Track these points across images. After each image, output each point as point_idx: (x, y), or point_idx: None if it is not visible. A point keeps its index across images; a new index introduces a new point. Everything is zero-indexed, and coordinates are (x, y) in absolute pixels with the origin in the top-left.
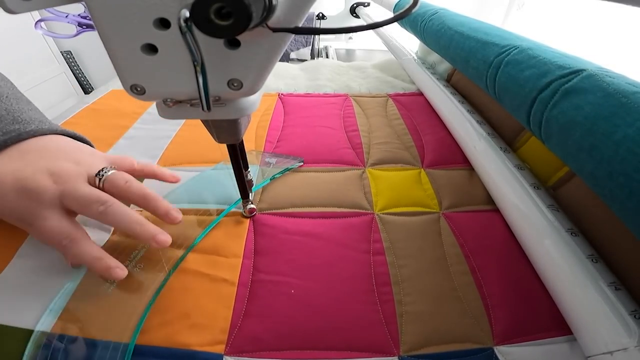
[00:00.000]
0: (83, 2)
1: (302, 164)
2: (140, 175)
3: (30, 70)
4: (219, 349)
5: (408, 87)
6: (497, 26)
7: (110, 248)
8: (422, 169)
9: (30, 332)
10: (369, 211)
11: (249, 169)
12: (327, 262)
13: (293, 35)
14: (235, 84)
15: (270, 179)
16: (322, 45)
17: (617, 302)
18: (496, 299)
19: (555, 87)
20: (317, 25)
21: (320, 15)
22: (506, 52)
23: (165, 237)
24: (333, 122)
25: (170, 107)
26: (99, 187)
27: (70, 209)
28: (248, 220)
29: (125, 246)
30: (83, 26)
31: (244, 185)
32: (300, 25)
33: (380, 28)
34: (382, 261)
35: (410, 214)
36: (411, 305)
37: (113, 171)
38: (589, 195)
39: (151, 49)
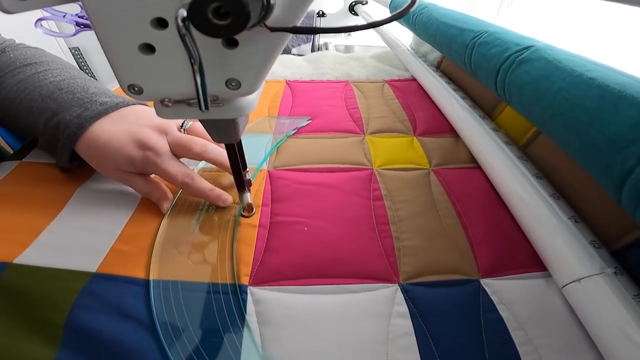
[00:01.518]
0: (79, 2)
1: (310, 121)
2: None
3: None
4: (244, 280)
5: (402, 74)
6: (473, 16)
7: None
8: (415, 137)
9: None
10: (369, 167)
11: (247, 169)
12: (335, 205)
13: (291, 35)
14: (233, 84)
15: (286, 137)
16: (322, 41)
17: (578, 233)
18: (479, 238)
19: (512, 59)
20: (318, 22)
21: (321, 12)
22: (479, 36)
23: (228, 197)
24: (336, 102)
25: (168, 107)
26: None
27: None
28: (265, 174)
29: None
30: (81, 25)
31: (242, 184)
32: (298, 24)
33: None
34: (381, 205)
35: (404, 169)
36: (407, 241)
37: (191, 122)
38: (550, 149)
39: (149, 48)
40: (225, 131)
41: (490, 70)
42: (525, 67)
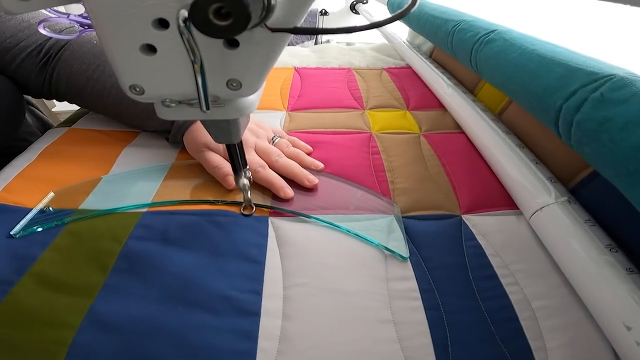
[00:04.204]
0: (82, 2)
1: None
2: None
3: None
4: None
5: (399, 63)
6: (454, 9)
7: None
8: (407, 111)
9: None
10: (368, 131)
11: (247, 167)
12: (340, 157)
13: (292, 35)
14: (234, 84)
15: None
16: (324, 38)
17: (538, 172)
18: (460, 182)
19: (481, 40)
20: (321, 21)
21: (323, 11)
22: (457, 24)
23: (291, 191)
24: (339, 85)
25: (170, 107)
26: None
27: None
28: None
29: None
30: (85, 26)
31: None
32: (299, 24)
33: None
34: (378, 158)
35: (397, 133)
36: (400, 184)
37: (279, 139)
38: (517, 115)
39: (150, 49)
40: (226, 132)
41: (466, 50)
42: (490, 45)
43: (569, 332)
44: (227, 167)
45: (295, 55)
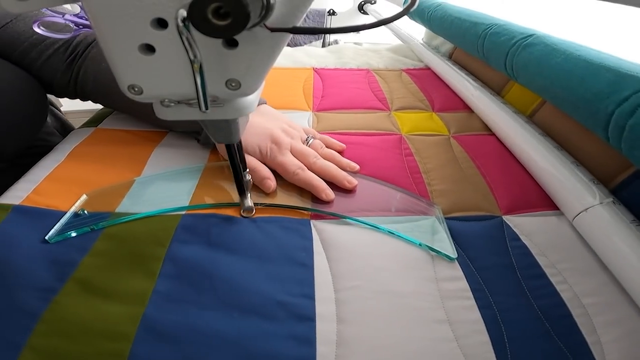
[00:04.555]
0: (79, 3)
1: None
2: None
3: None
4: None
5: (416, 64)
6: (481, 12)
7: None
8: (433, 113)
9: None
10: (397, 133)
11: (247, 169)
12: (373, 158)
13: (291, 35)
14: (233, 84)
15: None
16: (332, 38)
17: (580, 174)
18: (497, 183)
19: (519, 44)
20: (329, 21)
21: (331, 11)
22: (489, 28)
23: (332, 193)
24: (361, 86)
25: (169, 107)
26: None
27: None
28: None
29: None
30: (80, 26)
31: (241, 185)
32: (298, 24)
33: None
34: (412, 159)
35: (427, 135)
36: (437, 185)
37: (313, 139)
38: (549, 117)
39: (149, 49)
40: (226, 132)
41: (501, 54)
42: (529, 49)
43: (622, 327)
44: (264, 170)
45: (312, 55)
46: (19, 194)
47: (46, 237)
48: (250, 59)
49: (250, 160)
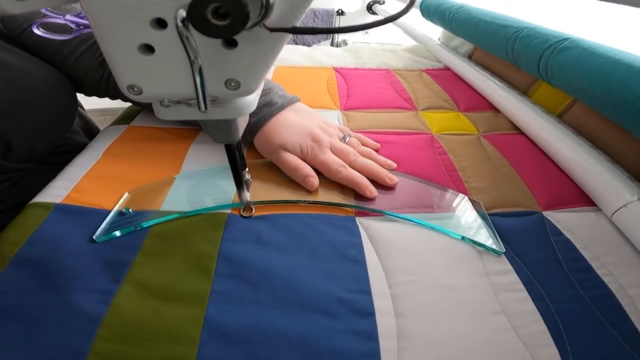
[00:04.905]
0: (79, 3)
1: None
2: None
3: None
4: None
5: (435, 64)
6: (508, 15)
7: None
8: (460, 112)
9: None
10: (428, 132)
11: (247, 169)
12: (409, 156)
13: (291, 35)
14: (232, 84)
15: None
16: (340, 38)
17: (617, 171)
18: (533, 180)
19: (554, 47)
20: (337, 21)
21: (340, 11)
22: (520, 30)
23: (375, 191)
24: (383, 85)
25: (168, 107)
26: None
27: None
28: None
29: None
30: (80, 26)
31: (241, 185)
32: (298, 24)
33: (400, 20)
34: (446, 158)
35: (458, 134)
36: (474, 183)
37: (349, 137)
38: (580, 117)
39: (148, 49)
40: (225, 131)
41: (534, 56)
42: (565, 52)
43: None
44: (306, 168)
45: (330, 55)
46: (59, 192)
47: (94, 237)
48: (249, 59)
49: (292, 158)
